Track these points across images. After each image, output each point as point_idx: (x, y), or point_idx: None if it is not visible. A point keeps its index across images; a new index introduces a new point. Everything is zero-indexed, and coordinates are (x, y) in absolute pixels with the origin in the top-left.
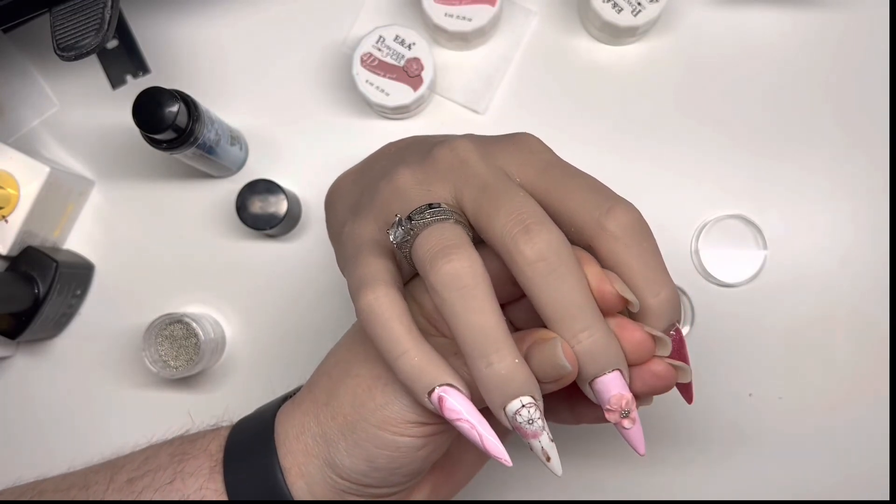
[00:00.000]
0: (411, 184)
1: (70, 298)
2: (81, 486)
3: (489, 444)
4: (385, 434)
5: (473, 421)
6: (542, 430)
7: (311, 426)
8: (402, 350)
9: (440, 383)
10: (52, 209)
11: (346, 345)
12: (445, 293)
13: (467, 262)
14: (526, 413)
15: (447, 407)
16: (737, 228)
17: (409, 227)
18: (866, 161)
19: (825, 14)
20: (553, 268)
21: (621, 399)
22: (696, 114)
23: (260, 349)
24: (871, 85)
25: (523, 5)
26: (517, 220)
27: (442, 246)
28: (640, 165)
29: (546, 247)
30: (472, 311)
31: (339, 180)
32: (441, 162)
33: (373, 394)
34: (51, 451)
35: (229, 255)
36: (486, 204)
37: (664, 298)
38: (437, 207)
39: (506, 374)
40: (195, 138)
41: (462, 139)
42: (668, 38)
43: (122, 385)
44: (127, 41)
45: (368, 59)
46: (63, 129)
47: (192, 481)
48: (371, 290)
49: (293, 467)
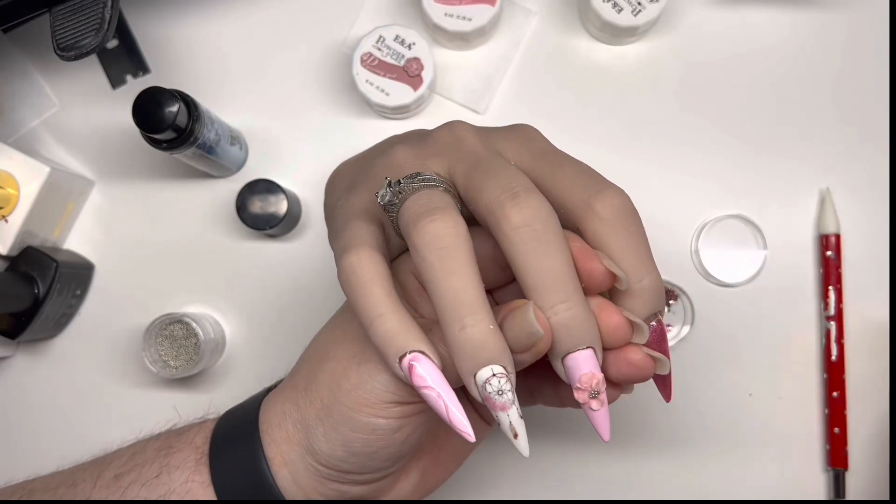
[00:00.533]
0: (407, 158)
1: (70, 298)
2: (69, 484)
3: (453, 415)
4: (360, 416)
5: (440, 391)
6: (512, 404)
7: (292, 413)
8: (379, 312)
9: (412, 349)
10: (52, 209)
11: (327, 329)
12: (426, 252)
13: (451, 223)
14: (496, 382)
15: (416, 374)
16: (737, 228)
17: (397, 190)
18: (866, 161)
19: (825, 14)
20: (537, 235)
21: (592, 378)
22: (696, 113)
23: (260, 349)
24: (871, 85)
25: (523, 5)
26: (506, 187)
27: (428, 207)
28: (640, 165)
29: (532, 214)
30: (450, 272)
31: (340, 165)
32: (438, 140)
33: (348, 374)
34: (51, 450)
35: (229, 255)
36: (477, 176)
37: (647, 285)
38: (426, 175)
39: (479, 338)
40: (195, 138)
41: (462, 122)
42: (668, 38)
43: (122, 385)
44: (127, 41)
45: (368, 58)
46: (63, 129)
47: (177, 474)
48: (355, 251)
49: (276, 456)
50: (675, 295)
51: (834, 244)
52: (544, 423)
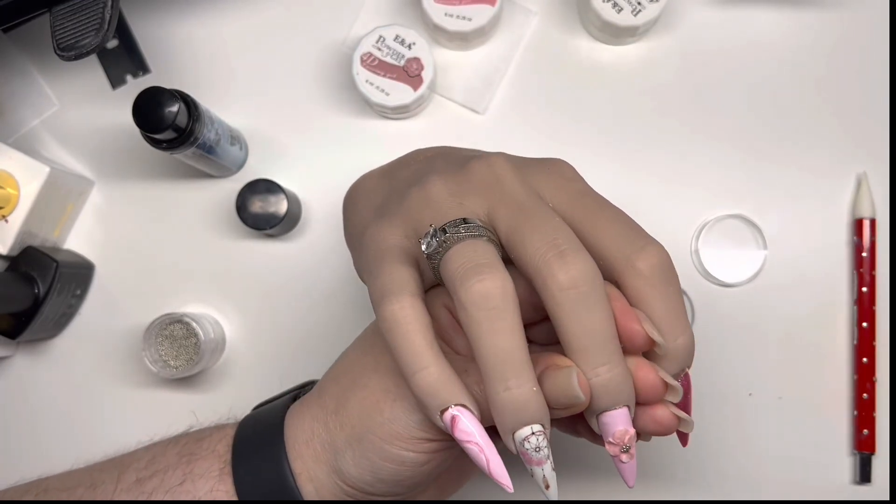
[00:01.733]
0: (444, 195)
1: (70, 298)
2: (88, 484)
3: (495, 469)
4: (391, 448)
5: (483, 444)
6: (547, 459)
7: (321, 433)
8: (423, 365)
9: (455, 403)
10: (52, 209)
11: (357, 351)
12: (474, 311)
13: (500, 282)
14: (535, 441)
15: (459, 428)
16: (737, 228)
17: (443, 239)
18: (866, 161)
19: (825, 14)
20: (584, 297)
21: (625, 435)
22: (695, 113)
23: (260, 349)
24: (871, 85)
25: (523, 5)
26: (552, 244)
27: (475, 263)
28: (640, 165)
29: (580, 275)
30: (498, 332)
31: (362, 179)
32: (476, 176)
33: (380, 407)
34: (51, 451)
35: (229, 255)
36: (520, 225)
37: (681, 344)
38: (471, 223)
39: (522, 401)
40: (195, 138)
41: (498, 156)
42: (668, 38)
43: (122, 385)
44: (127, 41)
45: (368, 58)
46: (63, 129)
47: (202, 483)
48: (396, 299)
49: (303, 472)
50: None
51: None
52: None
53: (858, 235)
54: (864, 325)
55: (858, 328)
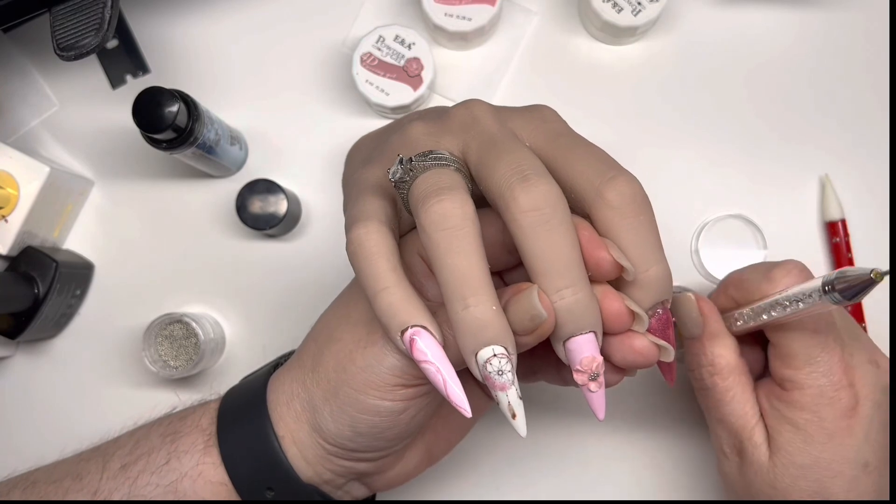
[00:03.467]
0: (422, 135)
1: (70, 298)
2: (74, 475)
3: (451, 391)
4: (366, 398)
5: (440, 365)
6: (511, 385)
7: (300, 392)
8: (384, 286)
9: (414, 323)
10: (51, 209)
11: (333, 309)
12: (433, 231)
13: (458, 203)
14: (497, 363)
15: (416, 348)
16: (737, 228)
17: (408, 168)
18: (866, 161)
19: (825, 14)
20: (546, 219)
21: (592, 361)
22: (695, 113)
23: (260, 349)
24: (871, 85)
25: (523, 5)
26: (517, 169)
27: (437, 187)
28: (640, 164)
29: (542, 197)
30: (456, 252)
31: (360, 139)
32: (454, 118)
33: (353, 357)
34: (51, 450)
35: (229, 255)
36: (489, 155)
37: (653, 275)
38: (439, 153)
39: (481, 318)
40: (195, 138)
41: (479, 101)
42: (668, 38)
43: (122, 385)
44: (127, 41)
45: (368, 58)
46: (63, 129)
47: (187, 458)
48: (363, 224)
49: (286, 434)
50: None
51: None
52: (542, 403)
53: (834, 235)
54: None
55: None
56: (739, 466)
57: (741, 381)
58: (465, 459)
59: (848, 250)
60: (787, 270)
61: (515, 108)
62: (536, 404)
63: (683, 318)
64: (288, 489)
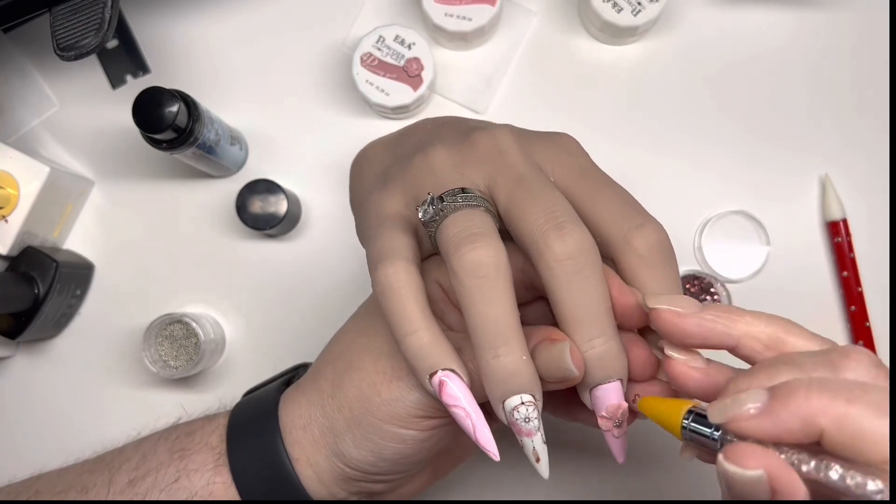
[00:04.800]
0: (446, 164)
1: (70, 298)
2: (80, 488)
3: (481, 435)
4: (391, 428)
5: (469, 409)
6: (537, 431)
7: (318, 417)
8: (413, 329)
9: (444, 367)
10: (51, 209)
11: (351, 333)
12: (466, 279)
13: (493, 251)
14: (524, 410)
15: (447, 392)
16: (740, 224)
17: (439, 208)
18: (866, 159)
19: (825, 14)
20: (580, 268)
21: (618, 409)
22: (696, 112)
23: (260, 349)
24: (871, 84)
25: (523, 5)
26: (550, 216)
27: (470, 232)
28: (642, 163)
29: (576, 247)
30: (489, 301)
31: (369, 146)
32: (479, 147)
33: (378, 389)
34: (51, 451)
35: (229, 255)
36: (520, 196)
37: None
38: (469, 193)
39: (512, 368)
40: (195, 138)
41: (503, 128)
42: (668, 38)
43: (122, 385)
44: (127, 41)
45: (368, 59)
46: (63, 129)
47: (197, 477)
48: (391, 263)
49: (301, 457)
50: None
51: (843, 230)
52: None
53: (836, 235)
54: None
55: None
56: None
57: None
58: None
59: (850, 250)
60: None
61: (538, 134)
62: None
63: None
64: None
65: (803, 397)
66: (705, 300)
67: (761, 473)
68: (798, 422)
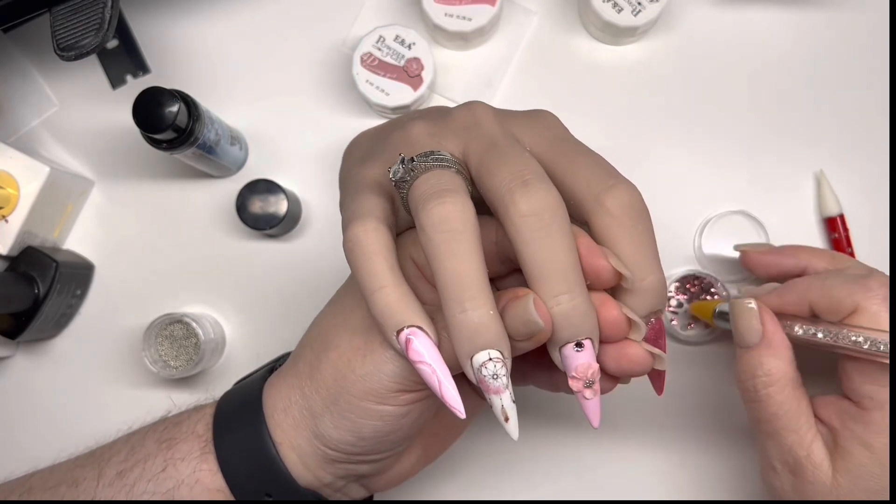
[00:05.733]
0: (423, 135)
1: (70, 298)
2: (70, 482)
3: (446, 391)
4: (368, 404)
5: (435, 366)
6: (506, 388)
7: (297, 399)
8: (381, 285)
9: (410, 324)
10: (51, 209)
11: (328, 315)
12: (433, 233)
13: (459, 206)
14: (492, 367)
15: (412, 348)
16: (740, 224)
17: (409, 167)
18: (867, 159)
19: (825, 14)
20: (544, 224)
21: (588, 368)
22: (696, 112)
23: (260, 349)
24: (871, 84)
25: (523, 5)
26: (518, 174)
27: (439, 188)
28: (642, 163)
29: (541, 203)
30: (455, 255)
31: (359, 135)
32: (456, 120)
33: (352, 366)
34: (51, 450)
35: (229, 255)
36: (490, 159)
37: (649, 284)
38: (440, 155)
39: (478, 322)
40: (195, 138)
41: (482, 103)
42: (668, 38)
43: (122, 385)
44: (127, 41)
45: (368, 58)
46: (63, 129)
47: (183, 466)
48: (360, 222)
49: (284, 441)
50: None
51: (840, 226)
52: (538, 408)
53: (833, 231)
54: None
55: None
56: (793, 483)
57: (796, 394)
58: (463, 460)
59: (848, 245)
60: (882, 281)
61: (517, 112)
62: (531, 405)
63: (742, 327)
64: (286, 494)
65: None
66: (705, 300)
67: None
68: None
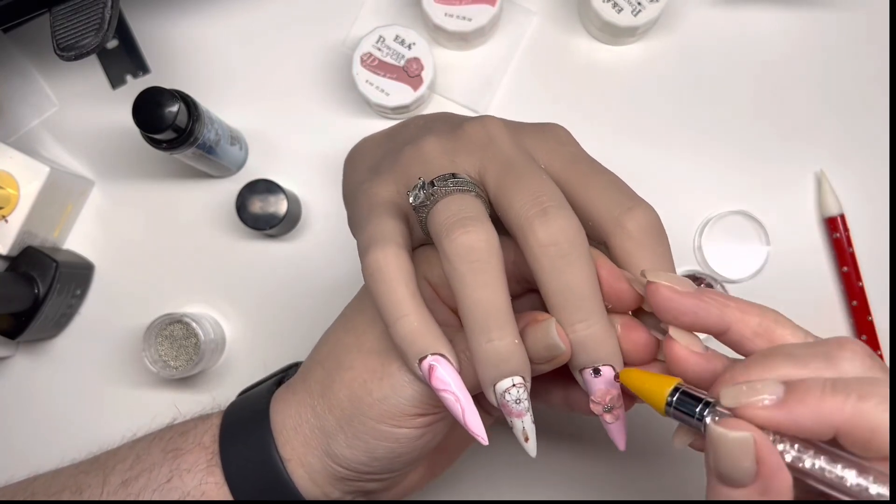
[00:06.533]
0: (437, 152)
1: (70, 298)
2: (74, 489)
3: (470, 419)
4: (384, 427)
5: (459, 394)
6: (527, 412)
7: (309, 418)
8: (403, 313)
9: (433, 352)
10: (51, 209)
11: (338, 332)
12: (458, 264)
13: (484, 235)
14: (515, 392)
15: (436, 376)
16: (740, 224)
17: (430, 192)
18: (867, 159)
19: (825, 14)
20: (564, 254)
21: (606, 394)
22: (696, 112)
23: (260, 349)
24: (871, 84)
25: (523, 5)
26: (536, 201)
27: (461, 216)
28: (642, 163)
29: (560, 232)
30: (481, 285)
31: (363, 141)
32: (470, 136)
33: (368, 388)
34: (51, 451)
35: (229, 255)
36: (508, 182)
37: None
38: (460, 178)
39: (505, 352)
40: (195, 138)
41: (494, 118)
42: (668, 38)
43: (122, 385)
44: (127, 41)
45: (368, 59)
46: (63, 129)
47: (189, 477)
48: (381, 248)
49: (293, 457)
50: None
51: (840, 226)
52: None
53: (834, 231)
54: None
55: (854, 316)
56: None
57: None
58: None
59: (849, 245)
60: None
61: (529, 125)
62: None
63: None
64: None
65: (818, 396)
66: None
67: (749, 436)
68: (812, 418)
